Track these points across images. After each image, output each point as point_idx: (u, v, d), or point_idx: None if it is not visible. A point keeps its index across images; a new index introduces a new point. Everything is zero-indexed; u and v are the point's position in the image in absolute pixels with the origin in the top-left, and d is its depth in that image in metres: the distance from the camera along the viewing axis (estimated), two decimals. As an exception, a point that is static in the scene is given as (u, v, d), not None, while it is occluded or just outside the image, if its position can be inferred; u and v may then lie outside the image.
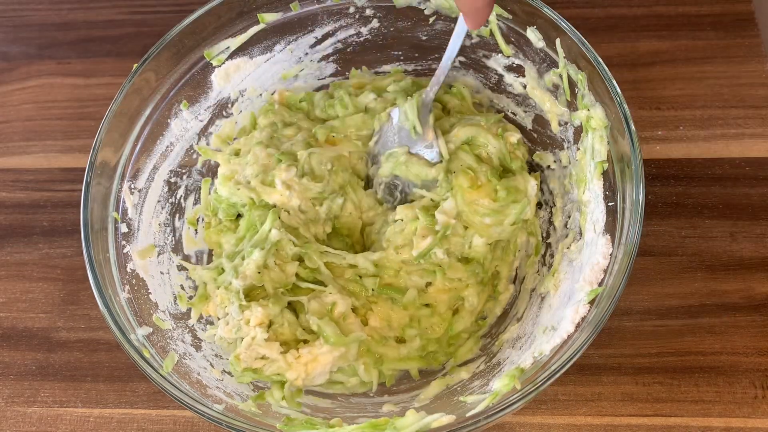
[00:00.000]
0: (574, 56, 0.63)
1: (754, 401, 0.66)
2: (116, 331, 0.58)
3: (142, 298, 0.63)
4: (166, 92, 0.68)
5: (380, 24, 0.73)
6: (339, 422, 0.59)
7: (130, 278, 0.63)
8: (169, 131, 0.69)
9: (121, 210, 0.65)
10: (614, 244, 0.58)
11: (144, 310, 0.62)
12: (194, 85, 0.70)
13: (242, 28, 0.70)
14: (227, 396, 0.60)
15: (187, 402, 0.55)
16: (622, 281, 0.54)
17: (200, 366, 0.62)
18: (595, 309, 0.56)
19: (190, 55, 0.68)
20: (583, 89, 0.63)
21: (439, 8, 0.70)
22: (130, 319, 0.60)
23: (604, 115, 0.61)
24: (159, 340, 0.61)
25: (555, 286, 0.64)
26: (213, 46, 0.69)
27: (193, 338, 0.64)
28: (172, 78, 0.68)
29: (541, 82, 0.67)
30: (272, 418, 0.59)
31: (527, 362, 0.57)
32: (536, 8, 0.64)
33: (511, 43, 0.68)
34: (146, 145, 0.67)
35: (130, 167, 0.66)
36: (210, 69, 0.70)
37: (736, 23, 0.83)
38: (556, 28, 0.63)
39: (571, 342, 0.55)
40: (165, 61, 0.67)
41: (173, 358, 0.59)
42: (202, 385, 0.59)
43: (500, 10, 0.66)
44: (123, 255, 0.63)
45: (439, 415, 0.55)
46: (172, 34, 0.67)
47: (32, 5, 0.94)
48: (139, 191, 0.66)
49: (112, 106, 0.64)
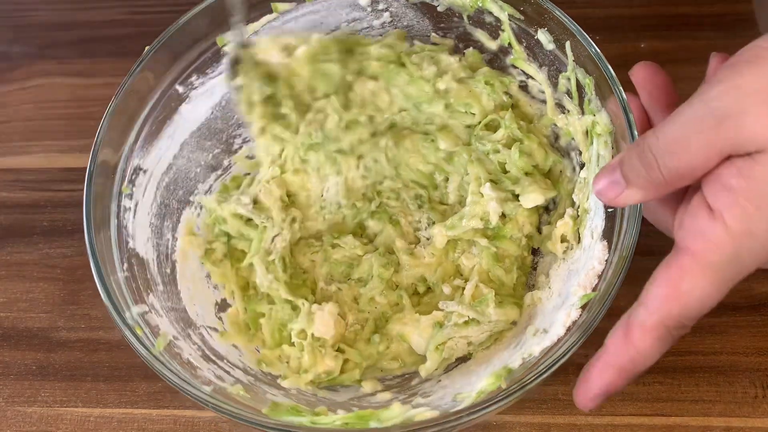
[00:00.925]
0: (583, 60, 0.63)
1: (754, 401, 0.66)
2: (110, 307, 0.58)
3: (141, 277, 0.63)
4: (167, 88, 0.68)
5: (392, 18, 0.72)
6: (324, 411, 0.59)
7: (129, 257, 0.63)
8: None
9: (128, 180, 0.65)
10: (611, 250, 0.58)
11: (141, 289, 0.62)
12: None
13: (255, 16, 0.69)
14: (217, 379, 0.60)
15: (177, 382, 0.55)
16: (614, 287, 0.55)
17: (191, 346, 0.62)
18: (587, 313, 0.56)
19: (202, 42, 0.69)
20: (591, 94, 0.63)
21: (452, 5, 0.70)
22: (126, 297, 0.60)
23: (609, 120, 0.61)
24: (151, 319, 0.61)
25: (547, 293, 0.65)
26: (226, 33, 0.68)
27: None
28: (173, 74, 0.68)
29: (554, 91, 0.67)
30: (260, 402, 0.59)
31: (516, 363, 0.58)
32: (547, 10, 0.64)
33: (522, 45, 0.68)
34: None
35: (138, 146, 0.66)
36: (222, 55, 0.70)
37: (736, 23, 0.83)
38: (565, 31, 0.64)
39: (560, 344, 0.56)
40: (164, 59, 0.67)
41: (165, 337, 0.59)
42: (192, 366, 0.59)
43: (512, 10, 0.66)
44: (124, 231, 0.63)
45: (423, 409, 0.55)
46: (171, 31, 0.66)
47: (33, 5, 0.94)
48: (144, 171, 0.67)
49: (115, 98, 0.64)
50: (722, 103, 0.47)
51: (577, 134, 0.66)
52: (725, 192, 0.48)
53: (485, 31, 0.70)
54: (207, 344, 0.64)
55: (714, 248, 0.49)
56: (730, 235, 0.48)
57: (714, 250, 0.49)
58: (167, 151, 0.69)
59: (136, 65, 0.65)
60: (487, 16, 0.69)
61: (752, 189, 0.47)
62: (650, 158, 0.50)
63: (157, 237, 0.67)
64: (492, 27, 0.69)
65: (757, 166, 0.47)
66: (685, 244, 0.50)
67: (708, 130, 0.48)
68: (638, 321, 0.52)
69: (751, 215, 0.47)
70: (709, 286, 0.49)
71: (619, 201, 0.54)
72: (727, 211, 0.48)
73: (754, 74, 0.47)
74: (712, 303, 0.50)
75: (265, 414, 0.56)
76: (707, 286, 0.49)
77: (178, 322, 0.63)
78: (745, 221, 0.48)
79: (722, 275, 0.49)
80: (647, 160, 0.51)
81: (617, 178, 0.53)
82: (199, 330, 0.65)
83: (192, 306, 0.66)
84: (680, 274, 0.50)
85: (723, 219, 0.48)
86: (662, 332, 0.51)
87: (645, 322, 0.51)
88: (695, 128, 0.48)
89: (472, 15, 0.69)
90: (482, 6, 0.68)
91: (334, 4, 0.71)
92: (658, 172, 0.50)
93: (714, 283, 0.49)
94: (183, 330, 0.63)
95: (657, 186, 0.51)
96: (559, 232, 0.65)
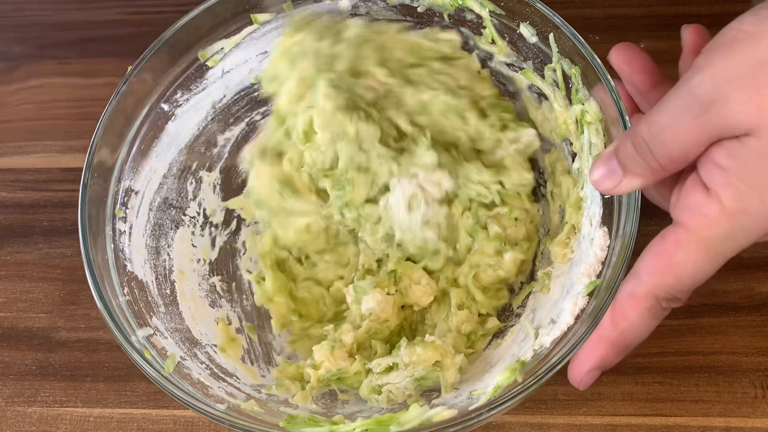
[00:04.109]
0: (568, 51, 0.63)
1: (754, 401, 0.66)
2: (116, 332, 0.58)
3: (142, 299, 0.63)
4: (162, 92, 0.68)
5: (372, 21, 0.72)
6: (341, 419, 0.59)
7: (129, 280, 0.63)
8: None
9: (120, 203, 0.65)
10: (611, 237, 0.58)
11: (144, 312, 0.62)
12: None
13: (236, 29, 0.69)
14: (229, 396, 0.60)
15: (190, 402, 0.55)
16: (620, 273, 0.55)
17: (199, 367, 0.62)
18: (594, 300, 0.56)
19: (185, 56, 0.68)
20: (577, 83, 0.63)
21: (433, 5, 0.69)
22: (130, 320, 0.60)
23: (598, 108, 0.61)
24: (157, 342, 0.61)
25: (548, 286, 0.65)
26: (207, 48, 0.69)
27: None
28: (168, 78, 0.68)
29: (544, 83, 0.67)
30: (274, 416, 0.59)
31: (527, 355, 0.58)
32: (528, 3, 0.64)
33: (504, 40, 0.68)
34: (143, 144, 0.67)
35: (127, 167, 0.66)
36: (205, 70, 0.70)
37: (736, 23, 0.83)
38: (548, 23, 0.64)
39: (571, 334, 0.56)
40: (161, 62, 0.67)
41: (174, 359, 0.59)
42: (203, 385, 0.59)
43: (493, 6, 0.66)
44: (121, 255, 0.63)
45: (441, 409, 0.55)
46: (167, 35, 0.66)
47: (32, 5, 0.94)
48: (136, 193, 0.66)
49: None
50: (705, 89, 0.48)
51: (570, 125, 0.66)
52: (719, 171, 0.50)
53: (467, 28, 0.70)
54: (214, 362, 0.64)
55: (709, 223, 0.50)
56: (726, 213, 0.50)
57: (709, 225, 0.50)
58: (157, 170, 0.69)
59: (121, 85, 0.65)
60: (468, 13, 0.68)
61: (743, 169, 0.49)
62: (644, 147, 0.52)
63: (153, 258, 0.67)
64: (473, 24, 0.69)
65: (744, 148, 0.48)
66: (682, 220, 0.52)
67: (694, 118, 0.49)
68: (628, 291, 0.53)
69: (744, 194, 0.49)
70: (702, 259, 0.51)
71: (618, 190, 0.55)
72: (721, 190, 0.49)
73: (733, 59, 0.48)
74: (704, 277, 0.52)
75: (282, 427, 0.56)
76: (700, 259, 0.51)
77: (184, 342, 0.63)
78: (739, 200, 0.49)
79: (716, 250, 0.51)
80: (642, 148, 0.52)
81: (614, 167, 0.54)
82: (204, 349, 0.64)
83: (195, 325, 0.66)
84: (675, 247, 0.51)
85: (719, 197, 0.50)
86: (652, 303, 0.52)
87: (635, 291, 0.52)
88: (682, 117, 0.49)
89: (452, 14, 0.69)
90: (462, 4, 0.68)
91: (315, 11, 0.70)
92: (653, 159, 0.51)
93: (708, 257, 0.51)
94: (189, 350, 0.63)
95: (654, 172, 0.52)
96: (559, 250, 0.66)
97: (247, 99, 0.74)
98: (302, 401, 0.63)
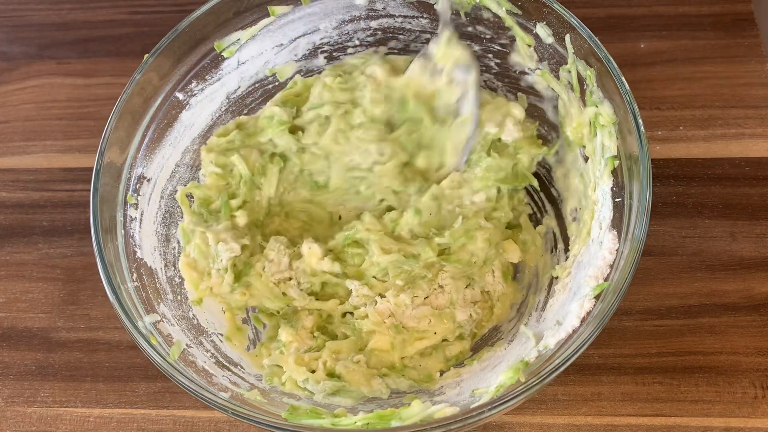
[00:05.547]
0: (584, 53, 0.63)
1: (754, 401, 0.66)
2: (123, 317, 0.58)
3: (150, 286, 0.63)
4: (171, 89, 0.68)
5: (391, 18, 0.72)
6: (343, 412, 0.59)
7: (138, 266, 0.63)
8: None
9: (132, 189, 0.65)
10: (620, 240, 0.58)
11: (152, 299, 0.62)
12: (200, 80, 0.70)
13: (253, 20, 0.69)
14: (233, 385, 0.60)
15: (194, 389, 0.55)
16: (628, 276, 0.54)
17: (204, 355, 0.62)
18: (600, 304, 0.56)
19: (201, 46, 0.69)
20: (592, 86, 0.63)
21: (450, 2, 0.69)
22: (137, 306, 0.60)
23: (612, 111, 0.61)
24: (164, 329, 0.61)
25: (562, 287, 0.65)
26: (223, 38, 0.69)
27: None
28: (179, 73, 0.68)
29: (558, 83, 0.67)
30: (277, 406, 0.59)
31: (532, 356, 0.58)
32: (546, 3, 0.64)
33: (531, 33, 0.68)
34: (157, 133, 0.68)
35: (140, 155, 0.66)
36: (220, 60, 0.70)
37: (736, 23, 0.83)
38: (565, 24, 0.63)
39: (575, 336, 0.55)
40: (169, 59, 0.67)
41: (180, 346, 0.59)
42: (208, 373, 0.60)
43: (510, 5, 0.66)
44: (131, 241, 0.63)
45: (443, 406, 0.55)
46: (183, 25, 0.67)
47: (32, 5, 0.94)
48: (148, 180, 0.66)
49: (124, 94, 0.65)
50: None
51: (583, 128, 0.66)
52: None
53: (483, 27, 0.70)
54: (220, 351, 0.64)
55: None
56: None
57: None
58: (169, 158, 0.69)
59: (137, 73, 0.65)
60: (484, 12, 0.69)
61: None
62: None
63: (163, 245, 0.67)
64: (490, 23, 0.69)
65: None
66: None
67: None
68: None
69: None
70: None
71: None
72: None
73: None
74: None
75: (285, 418, 0.56)
76: None
77: (190, 330, 0.63)
78: None
79: None
80: None
81: None
82: (210, 337, 0.65)
83: (201, 313, 0.66)
84: None
85: None
86: None
87: None
88: None
89: (469, 12, 0.69)
90: (480, 3, 0.68)
91: (331, 6, 0.71)
92: None
93: None
94: (195, 338, 0.63)
95: None
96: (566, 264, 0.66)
97: (261, 90, 0.74)
98: (291, 388, 0.64)
